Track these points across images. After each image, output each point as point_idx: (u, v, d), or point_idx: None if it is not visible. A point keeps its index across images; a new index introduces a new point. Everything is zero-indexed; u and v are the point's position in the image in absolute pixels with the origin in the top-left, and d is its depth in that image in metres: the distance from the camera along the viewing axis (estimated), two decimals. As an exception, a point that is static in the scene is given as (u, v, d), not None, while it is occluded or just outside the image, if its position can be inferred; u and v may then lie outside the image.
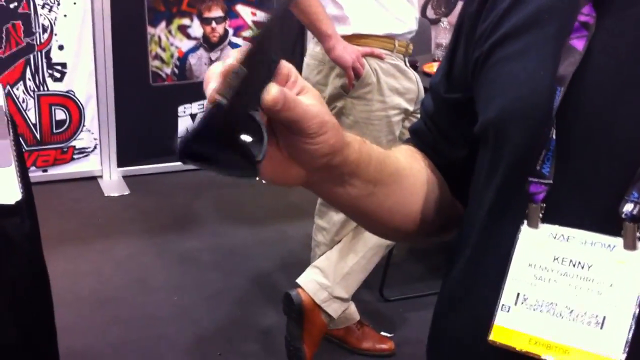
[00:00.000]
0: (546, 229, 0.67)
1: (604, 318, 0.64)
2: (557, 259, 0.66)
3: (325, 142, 0.64)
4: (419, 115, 2.77)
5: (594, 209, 0.66)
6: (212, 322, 2.77)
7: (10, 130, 1.59)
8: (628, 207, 0.63)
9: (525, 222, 0.68)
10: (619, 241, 0.64)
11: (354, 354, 2.59)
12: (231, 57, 0.59)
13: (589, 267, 0.65)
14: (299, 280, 2.47)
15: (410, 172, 0.82)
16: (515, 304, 0.67)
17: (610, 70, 0.66)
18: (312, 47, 2.45)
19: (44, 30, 3.63)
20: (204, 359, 2.59)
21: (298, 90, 0.63)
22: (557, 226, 0.67)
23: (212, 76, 0.59)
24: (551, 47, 0.69)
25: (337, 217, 2.49)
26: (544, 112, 0.67)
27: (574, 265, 0.66)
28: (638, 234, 0.63)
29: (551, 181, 0.67)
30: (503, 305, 0.68)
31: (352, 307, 2.57)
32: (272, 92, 0.58)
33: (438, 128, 0.87)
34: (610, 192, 0.64)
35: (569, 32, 0.68)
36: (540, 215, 0.67)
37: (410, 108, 2.45)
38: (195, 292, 2.96)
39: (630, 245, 0.64)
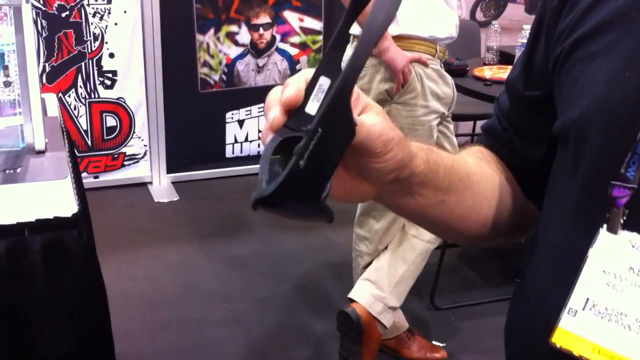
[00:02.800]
0: (626, 236, 0.65)
1: None
2: (632, 268, 0.64)
3: (391, 159, 0.63)
4: (450, 119, 2.75)
5: None
6: (262, 327, 2.77)
7: (66, 141, 1.61)
8: None
9: (605, 226, 0.66)
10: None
11: (406, 363, 2.57)
12: (292, 86, 0.58)
13: (665, 283, 0.63)
14: (353, 295, 2.45)
15: (481, 175, 0.80)
16: (583, 309, 0.65)
17: None
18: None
19: (95, 38, 3.69)
20: (253, 365, 2.59)
21: (361, 109, 0.61)
22: (637, 234, 0.64)
23: (273, 103, 0.58)
24: (638, 46, 0.66)
25: (379, 225, 2.47)
26: (630, 114, 0.64)
27: (649, 278, 0.63)
28: None
29: (635, 186, 0.64)
30: (570, 308, 0.66)
31: (401, 315, 2.55)
32: None
33: (514, 126, 0.85)
34: None
35: None
36: (622, 221, 0.65)
37: (446, 112, 2.45)
38: (245, 297, 2.96)
39: None
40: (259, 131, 4.17)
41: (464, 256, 3.26)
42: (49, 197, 1.30)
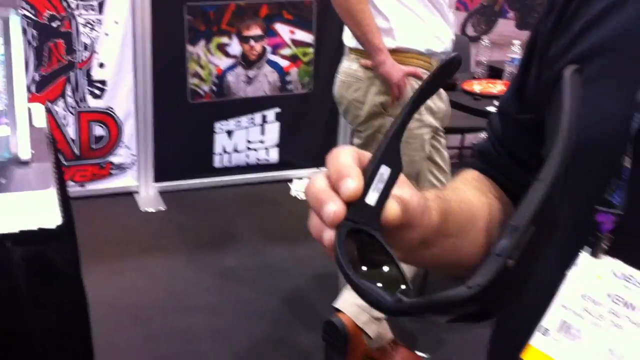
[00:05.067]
0: (607, 262, 0.64)
1: None
2: (610, 295, 0.63)
3: (427, 225, 0.64)
4: (443, 133, 2.75)
5: None
6: (249, 341, 2.76)
7: (52, 152, 1.61)
8: None
9: (588, 250, 0.65)
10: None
11: (391, 376, 2.56)
12: (353, 177, 0.54)
13: (641, 313, 0.62)
14: (339, 305, 2.45)
15: (482, 208, 0.79)
16: (558, 330, 0.64)
17: None
18: (348, 64, 2.44)
19: (85, 48, 3.68)
20: (239, 378, 2.58)
21: None
22: (619, 261, 0.63)
23: (326, 194, 0.55)
24: (628, 72, 0.65)
25: None
26: (618, 140, 0.64)
27: (626, 307, 0.62)
28: None
29: (621, 212, 0.63)
30: (544, 328, 0.65)
31: (385, 326, 2.54)
32: (393, 212, 0.56)
33: (508, 151, 0.84)
34: None
35: None
36: (605, 246, 0.64)
37: (439, 126, 2.46)
38: (232, 310, 2.95)
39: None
40: (248, 141, 4.16)
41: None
42: (33, 208, 1.29)
